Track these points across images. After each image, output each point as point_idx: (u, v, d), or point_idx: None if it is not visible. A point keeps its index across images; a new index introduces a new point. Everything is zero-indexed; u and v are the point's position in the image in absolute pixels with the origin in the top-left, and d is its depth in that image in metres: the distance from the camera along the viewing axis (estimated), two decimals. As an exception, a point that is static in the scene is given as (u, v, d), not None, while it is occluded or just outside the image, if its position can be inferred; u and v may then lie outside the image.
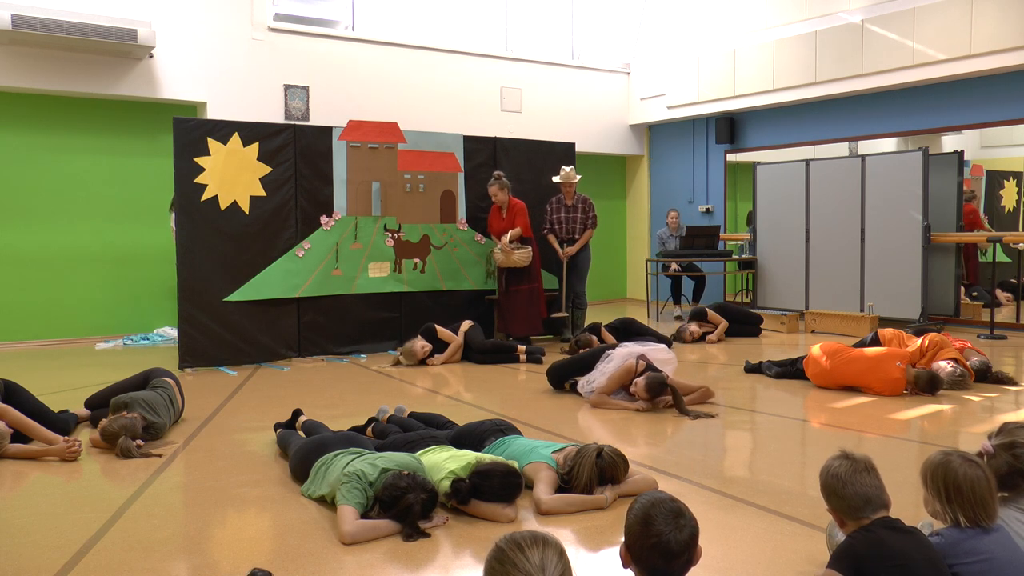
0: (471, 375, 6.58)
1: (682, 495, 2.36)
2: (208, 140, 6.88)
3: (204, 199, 6.87)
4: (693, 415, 4.87)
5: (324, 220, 7.45)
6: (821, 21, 9.68)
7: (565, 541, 2.94)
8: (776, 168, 10.03)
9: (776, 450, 4.28)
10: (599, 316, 8.99)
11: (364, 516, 3.08)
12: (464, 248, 8.18)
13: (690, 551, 1.80)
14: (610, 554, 2.85)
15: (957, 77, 8.61)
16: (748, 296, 10.71)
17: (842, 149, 10.01)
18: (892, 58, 8.91)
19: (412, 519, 3.01)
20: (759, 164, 10.35)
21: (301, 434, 4.22)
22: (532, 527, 3.06)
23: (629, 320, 7.89)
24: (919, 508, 3.15)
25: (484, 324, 7.75)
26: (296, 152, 7.30)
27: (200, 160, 6.85)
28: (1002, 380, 5.72)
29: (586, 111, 11.85)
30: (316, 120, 9.22)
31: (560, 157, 8.69)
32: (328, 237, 7.47)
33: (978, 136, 9.01)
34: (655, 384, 4.98)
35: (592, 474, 3.31)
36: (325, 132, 7.53)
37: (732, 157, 11.44)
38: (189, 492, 3.67)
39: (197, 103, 8.86)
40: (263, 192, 7.14)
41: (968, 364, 5.66)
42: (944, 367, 5.54)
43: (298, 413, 4.53)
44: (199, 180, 6.85)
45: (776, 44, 10.13)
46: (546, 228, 8.26)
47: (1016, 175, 8.96)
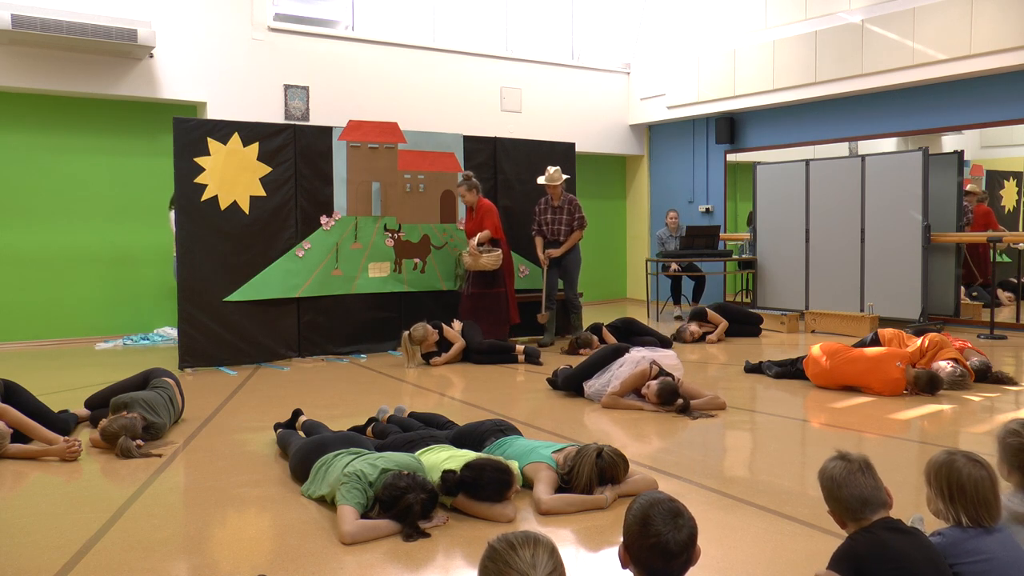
0: (471, 375, 6.58)
1: (682, 495, 2.37)
2: (208, 140, 6.88)
3: (204, 199, 6.87)
4: (694, 415, 4.88)
5: (324, 220, 7.45)
6: (821, 21, 9.68)
7: (565, 541, 2.95)
8: (776, 168, 10.03)
9: (776, 450, 4.28)
10: (599, 316, 9.00)
11: (364, 516, 3.08)
12: (464, 248, 8.17)
13: (689, 551, 1.80)
14: (610, 554, 2.85)
15: (957, 77, 8.61)
16: (748, 296, 10.71)
17: (842, 149, 10.01)
18: (892, 58, 8.91)
19: (412, 519, 3.01)
20: (759, 164, 10.35)
21: (301, 434, 4.22)
22: (532, 527, 3.07)
23: (629, 320, 7.90)
24: (919, 509, 3.15)
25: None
26: (296, 152, 7.30)
27: (200, 160, 6.85)
28: (1002, 380, 5.72)
29: (586, 111, 11.85)
30: (316, 120, 9.22)
31: (560, 157, 8.68)
32: (328, 237, 7.47)
33: (978, 136, 9.02)
34: (667, 392, 5.01)
35: (592, 474, 3.31)
36: (325, 132, 7.53)
37: (732, 157, 11.44)
38: (189, 492, 3.67)
39: (197, 103, 8.86)
40: (263, 192, 7.14)
41: (968, 364, 5.66)
42: (944, 367, 5.54)
43: (298, 413, 4.53)
44: (199, 180, 6.85)
45: (776, 44, 10.13)
46: (534, 230, 8.19)
47: (1016, 175, 8.96)
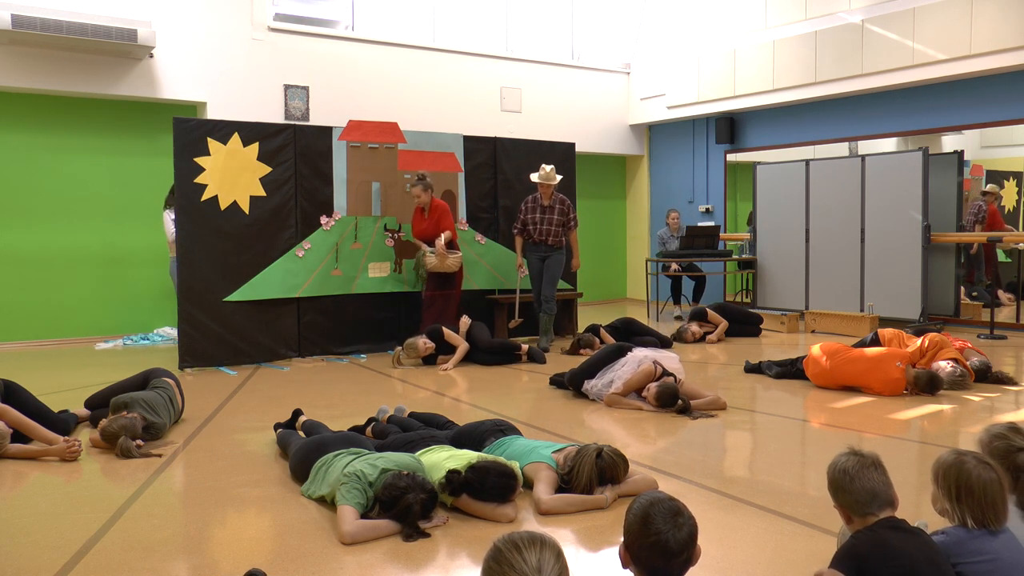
0: (473, 375, 6.58)
1: (682, 495, 2.36)
2: (208, 140, 6.88)
3: (204, 199, 6.87)
4: (694, 415, 4.88)
5: (324, 220, 7.45)
6: (821, 21, 9.67)
7: (565, 541, 2.95)
8: (776, 168, 10.04)
9: (776, 450, 4.28)
10: (599, 316, 9.00)
11: (364, 516, 3.08)
12: (465, 248, 8.16)
13: (689, 550, 1.80)
14: (610, 554, 2.85)
15: (957, 77, 8.61)
16: (748, 296, 10.71)
17: (842, 149, 10.01)
18: (892, 58, 8.91)
19: (412, 519, 3.01)
20: (759, 164, 10.35)
21: (301, 434, 4.22)
22: (532, 527, 3.06)
23: (629, 320, 7.90)
24: (919, 508, 3.15)
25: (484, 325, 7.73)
26: (296, 152, 7.30)
27: (200, 160, 6.85)
28: (1002, 380, 5.72)
29: (586, 111, 11.85)
30: (316, 120, 9.22)
31: (560, 157, 8.68)
32: (328, 237, 7.47)
33: (978, 136, 9.01)
34: (666, 395, 5.00)
35: (592, 474, 3.31)
36: (325, 132, 7.53)
37: (732, 157, 11.44)
38: (189, 492, 3.67)
39: (197, 103, 8.86)
40: (263, 192, 7.14)
41: (968, 364, 5.66)
42: (944, 367, 5.54)
43: (298, 413, 4.53)
44: (199, 180, 6.85)
45: (776, 44, 10.13)
46: (517, 228, 7.85)
47: (1016, 175, 8.95)
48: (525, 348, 7.13)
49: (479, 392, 5.95)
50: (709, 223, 11.27)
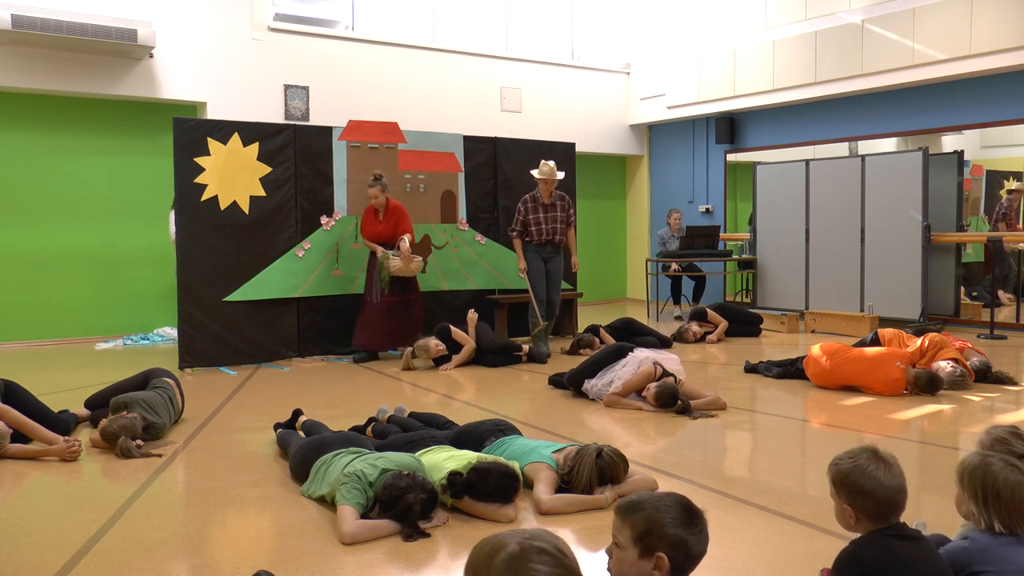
0: (472, 375, 6.57)
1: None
2: (208, 140, 6.88)
3: (204, 199, 6.87)
4: (694, 416, 4.88)
5: (324, 220, 7.45)
6: (821, 21, 9.67)
7: (565, 541, 2.94)
8: (776, 168, 10.04)
9: (776, 450, 4.28)
10: (599, 316, 9.00)
11: (364, 516, 3.07)
12: (465, 248, 8.18)
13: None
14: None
15: (957, 77, 8.61)
16: (748, 296, 10.71)
17: (842, 149, 10.01)
18: (892, 58, 8.91)
19: (412, 519, 3.01)
20: (759, 164, 10.35)
21: (301, 434, 4.22)
22: (532, 527, 3.06)
23: (629, 320, 7.90)
24: (919, 509, 3.15)
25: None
26: (296, 152, 7.30)
27: (200, 160, 6.85)
28: (1002, 380, 5.72)
29: (586, 111, 11.85)
30: (316, 120, 9.22)
31: (560, 157, 8.66)
32: (328, 237, 7.47)
33: (978, 136, 9.01)
34: (666, 395, 5.00)
35: (592, 474, 3.31)
36: (325, 132, 7.53)
37: (732, 157, 11.44)
38: (189, 492, 3.67)
39: (197, 103, 8.86)
40: (263, 192, 7.14)
41: (968, 364, 5.66)
42: (944, 367, 5.53)
43: (298, 413, 4.53)
44: (199, 180, 6.85)
45: (776, 44, 10.13)
46: (515, 231, 7.53)
47: (1016, 175, 8.95)
48: (526, 348, 7.13)
49: (478, 392, 5.95)
50: (709, 223, 11.28)
